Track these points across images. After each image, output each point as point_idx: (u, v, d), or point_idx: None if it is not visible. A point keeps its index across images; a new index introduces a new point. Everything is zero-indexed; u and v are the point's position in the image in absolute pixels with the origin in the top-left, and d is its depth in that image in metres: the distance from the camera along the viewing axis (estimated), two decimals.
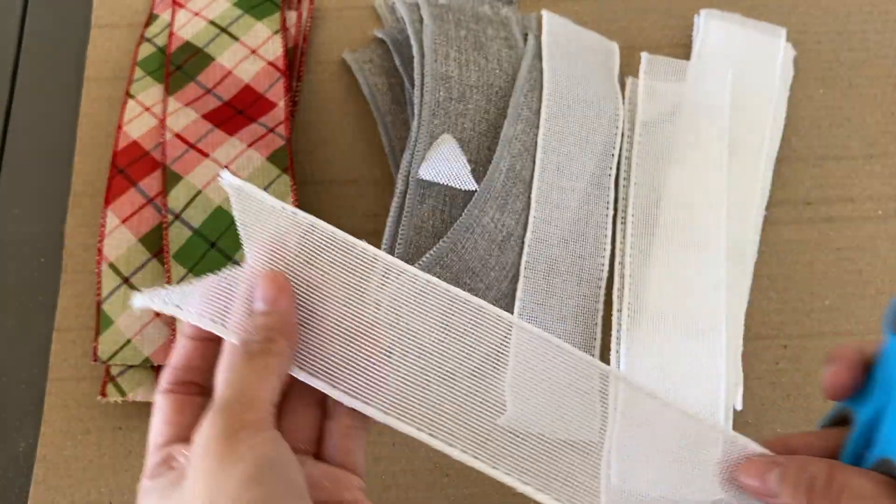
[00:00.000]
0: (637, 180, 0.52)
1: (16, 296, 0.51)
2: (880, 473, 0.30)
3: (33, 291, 0.51)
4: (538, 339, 0.30)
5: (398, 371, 0.29)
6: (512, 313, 0.47)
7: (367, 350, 0.30)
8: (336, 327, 0.29)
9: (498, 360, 0.30)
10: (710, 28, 0.56)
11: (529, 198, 0.50)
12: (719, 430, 0.34)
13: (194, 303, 0.29)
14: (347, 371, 0.29)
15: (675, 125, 0.53)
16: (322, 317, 0.29)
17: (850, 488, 0.29)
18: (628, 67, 0.57)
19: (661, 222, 0.50)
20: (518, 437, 0.28)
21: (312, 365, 0.29)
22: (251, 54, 0.55)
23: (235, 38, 0.55)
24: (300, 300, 0.30)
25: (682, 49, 0.58)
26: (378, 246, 0.34)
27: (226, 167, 0.50)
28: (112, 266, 0.49)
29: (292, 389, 0.31)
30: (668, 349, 0.47)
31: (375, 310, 0.29)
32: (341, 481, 0.30)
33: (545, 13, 0.56)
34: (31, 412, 0.47)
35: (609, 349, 0.47)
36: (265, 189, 0.50)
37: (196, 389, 0.31)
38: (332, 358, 0.29)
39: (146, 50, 0.57)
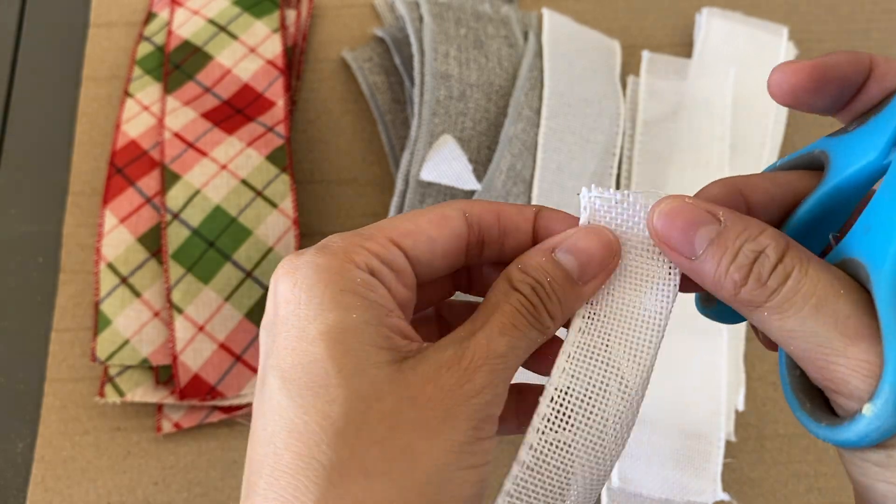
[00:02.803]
0: (638, 179, 0.52)
1: (14, 296, 0.50)
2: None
3: (31, 292, 0.50)
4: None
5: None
6: None
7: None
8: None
9: None
10: (712, 26, 0.56)
11: (530, 197, 0.50)
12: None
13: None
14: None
15: (677, 124, 0.53)
16: None
17: (806, 282, 0.22)
18: (629, 66, 0.56)
19: None
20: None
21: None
22: (250, 53, 0.55)
23: (234, 37, 0.55)
24: None
25: (684, 48, 0.57)
26: None
27: (224, 166, 0.50)
28: (110, 266, 0.48)
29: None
30: (670, 349, 0.47)
31: None
32: None
33: (546, 11, 0.56)
34: (29, 413, 0.47)
35: None
36: (263, 189, 0.49)
37: None
38: None
39: (145, 48, 0.56)
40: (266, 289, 0.46)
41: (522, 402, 0.28)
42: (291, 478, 0.21)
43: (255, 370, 0.47)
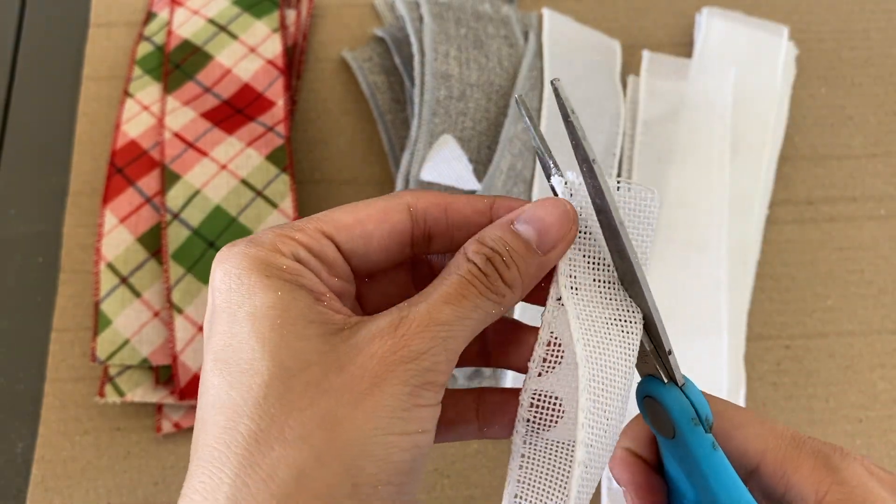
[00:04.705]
0: (638, 179, 0.52)
1: (14, 296, 0.50)
2: None
3: (31, 292, 0.50)
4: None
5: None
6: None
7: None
8: None
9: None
10: (712, 26, 0.56)
11: (530, 197, 0.50)
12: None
13: None
14: None
15: (677, 124, 0.53)
16: None
17: None
18: (630, 66, 0.56)
19: (663, 222, 0.50)
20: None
21: None
22: (250, 53, 0.55)
23: (234, 37, 0.55)
24: None
25: (684, 47, 0.57)
26: None
27: (224, 166, 0.50)
28: (110, 266, 0.48)
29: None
30: None
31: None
32: None
33: (546, 11, 0.56)
34: (29, 413, 0.47)
35: None
36: (263, 189, 0.49)
37: None
38: None
39: (144, 48, 0.56)
40: None
41: (484, 405, 0.28)
42: (215, 450, 0.22)
43: None
